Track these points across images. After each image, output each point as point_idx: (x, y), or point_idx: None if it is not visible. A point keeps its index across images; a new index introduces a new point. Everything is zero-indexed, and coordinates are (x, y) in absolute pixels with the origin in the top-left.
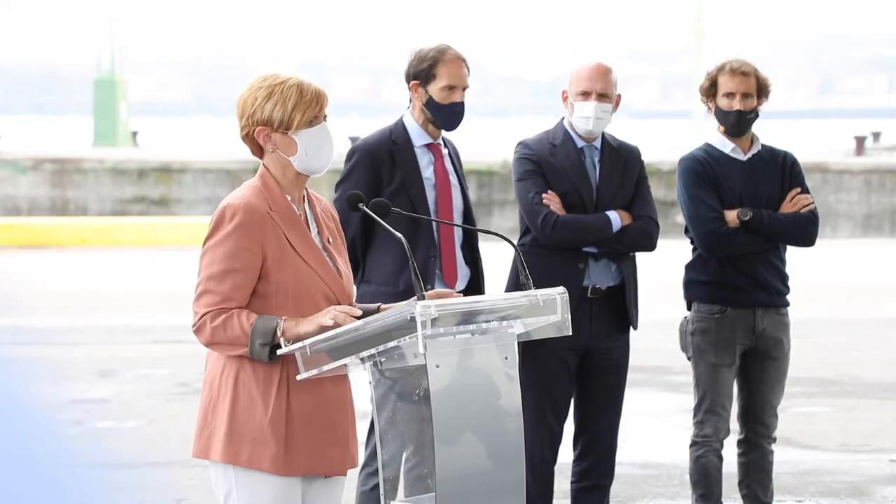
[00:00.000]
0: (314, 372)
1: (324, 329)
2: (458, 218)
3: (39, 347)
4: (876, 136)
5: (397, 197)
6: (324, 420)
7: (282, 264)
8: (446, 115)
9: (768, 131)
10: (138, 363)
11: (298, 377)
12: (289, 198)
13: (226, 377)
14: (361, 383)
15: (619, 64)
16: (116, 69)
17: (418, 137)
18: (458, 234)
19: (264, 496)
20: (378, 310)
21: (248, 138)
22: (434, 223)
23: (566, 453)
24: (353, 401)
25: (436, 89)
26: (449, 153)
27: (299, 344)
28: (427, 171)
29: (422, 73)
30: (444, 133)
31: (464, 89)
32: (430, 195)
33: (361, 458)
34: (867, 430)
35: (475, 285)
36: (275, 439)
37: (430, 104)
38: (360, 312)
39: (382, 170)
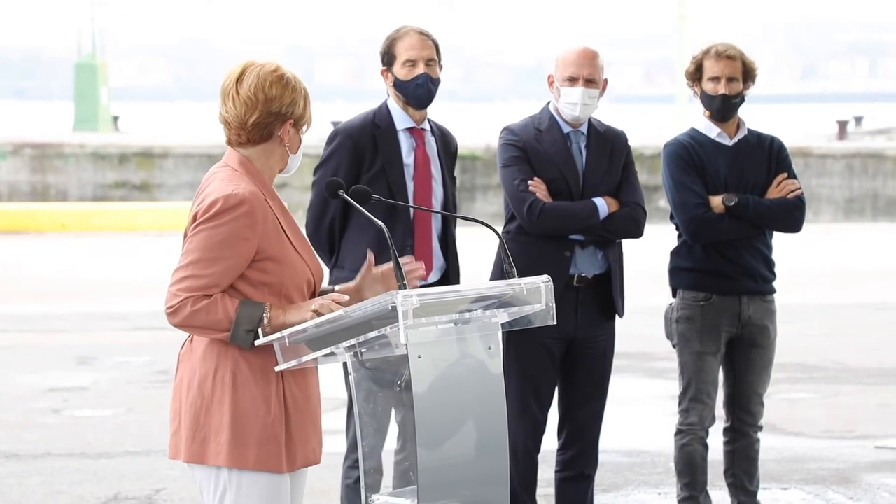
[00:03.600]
0: (293, 363)
1: (310, 318)
2: (437, 208)
3: (17, 334)
4: (858, 120)
5: (376, 182)
6: (310, 412)
7: (281, 252)
8: (412, 89)
9: (751, 116)
10: (117, 350)
11: (277, 368)
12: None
13: (220, 377)
14: (333, 373)
15: (601, 48)
16: (97, 53)
17: (401, 121)
18: (435, 224)
19: (260, 494)
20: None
21: (258, 127)
22: (411, 211)
23: (550, 442)
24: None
25: (398, 68)
26: (436, 141)
27: (278, 334)
28: (408, 158)
29: (384, 57)
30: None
31: (428, 62)
32: (410, 183)
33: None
34: (852, 416)
35: (448, 279)
36: (279, 437)
37: (397, 84)
38: (346, 298)
39: (364, 154)
